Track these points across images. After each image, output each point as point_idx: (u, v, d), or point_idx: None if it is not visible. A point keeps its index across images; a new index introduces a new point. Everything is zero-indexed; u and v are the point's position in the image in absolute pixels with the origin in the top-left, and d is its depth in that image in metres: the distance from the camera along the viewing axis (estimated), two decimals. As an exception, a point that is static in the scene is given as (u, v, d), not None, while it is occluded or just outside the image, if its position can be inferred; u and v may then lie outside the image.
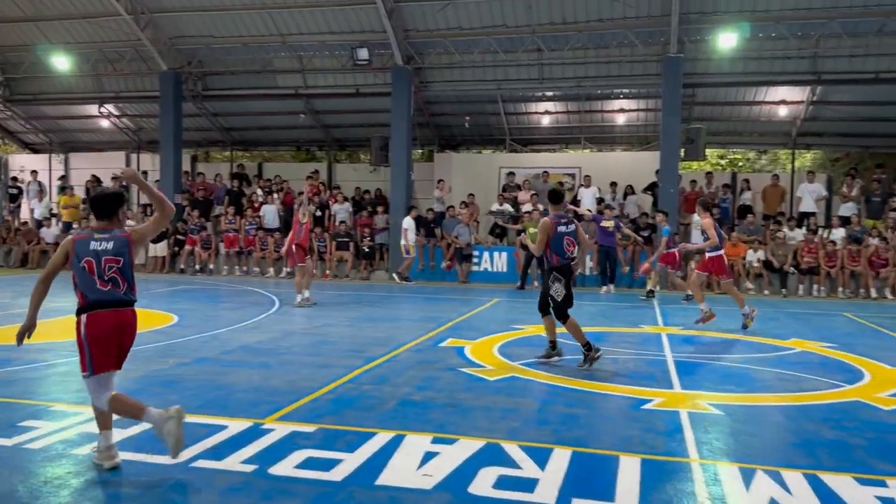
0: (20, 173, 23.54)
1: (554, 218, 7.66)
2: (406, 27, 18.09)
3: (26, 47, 20.37)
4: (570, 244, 7.63)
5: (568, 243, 7.62)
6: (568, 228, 7.67)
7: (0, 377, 6.71)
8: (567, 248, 7.61)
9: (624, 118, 21.27)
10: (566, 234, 7.62)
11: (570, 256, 7.62)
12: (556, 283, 7.56)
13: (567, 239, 7.62)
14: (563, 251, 7.57)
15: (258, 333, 9.52)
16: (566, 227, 7.65)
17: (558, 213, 7.78)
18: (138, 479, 4.22)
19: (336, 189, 20.43)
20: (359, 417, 5.57)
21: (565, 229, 7.64)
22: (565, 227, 7.65)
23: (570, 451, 4.82)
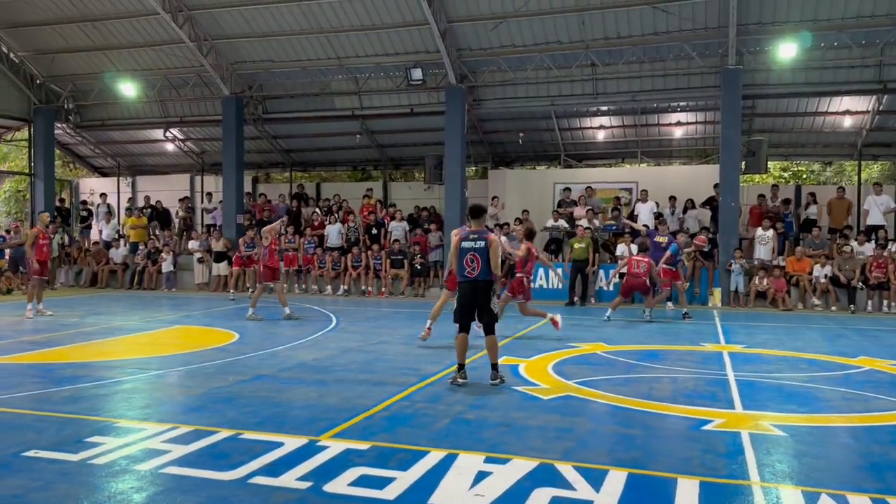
0: (90, 196, 24.56)
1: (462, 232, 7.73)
2: (459, 46, 18.26)
3: (95, 75, 21.34)
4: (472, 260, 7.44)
5: (471, 259, 7.45)
6: (475, 245, 7.48)
7: (68, 394, 6.96)
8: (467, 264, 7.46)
9: (681, 131, 20.93)
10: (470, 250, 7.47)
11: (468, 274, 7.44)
12: (495, 296, 7.58)
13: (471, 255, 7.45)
14: (461, 267, 7.51)
15: (315, 351, 9.66)
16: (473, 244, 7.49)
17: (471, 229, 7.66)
18: (197, 494, 4.31)
19: (392, 207, 20.67)
20: (412, 435, 5.58)
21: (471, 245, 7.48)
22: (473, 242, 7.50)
23: (626, 473, 4.73)
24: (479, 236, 7.54)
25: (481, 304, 7.51)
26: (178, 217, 22.51)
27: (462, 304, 7.59)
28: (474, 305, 7.54)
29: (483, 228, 7.71)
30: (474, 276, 7.44)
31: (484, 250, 7.44)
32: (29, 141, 22.77)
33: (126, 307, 15.30)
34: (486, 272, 7.44)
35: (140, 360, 8.98)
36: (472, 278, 7.46)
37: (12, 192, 29.35)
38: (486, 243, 7.45)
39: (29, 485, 4.43)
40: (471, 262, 7.45)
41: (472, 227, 7.63)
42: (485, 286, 7.46)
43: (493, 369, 7.50)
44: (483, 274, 7.44)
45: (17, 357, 9.00)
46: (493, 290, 7.47)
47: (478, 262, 7.43)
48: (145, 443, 5.32)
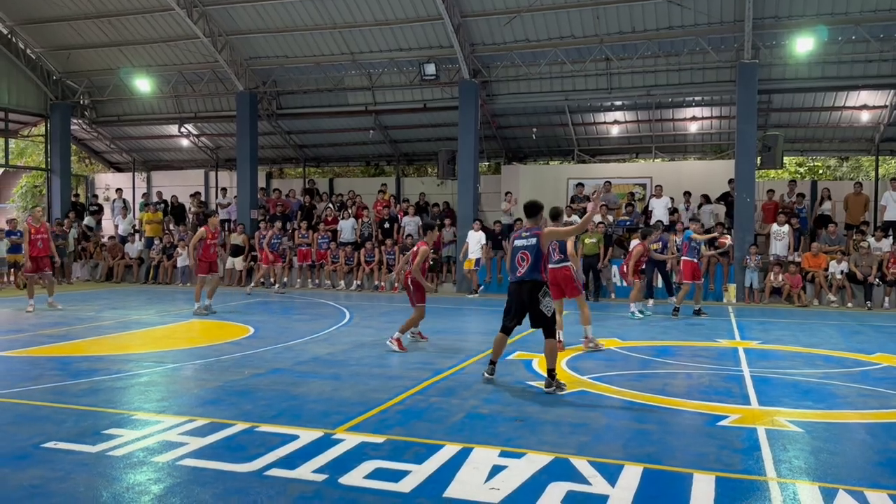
0: (105, 191, 24.75)
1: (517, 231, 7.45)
2: (473, 41, 18.23)
3: (111, 71, 21.49)
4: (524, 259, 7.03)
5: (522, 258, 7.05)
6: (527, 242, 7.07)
7: (86, 386, 7.03)
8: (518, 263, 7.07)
9: (696, 126, 20.80)
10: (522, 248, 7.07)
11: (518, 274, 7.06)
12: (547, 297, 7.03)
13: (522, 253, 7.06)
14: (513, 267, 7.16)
15: (329, 345, 9.70)
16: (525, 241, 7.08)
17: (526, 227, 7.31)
18: (214, 486, 4.34)
19: (405, 202, 20.69)
20: (427, 429, 5.60)
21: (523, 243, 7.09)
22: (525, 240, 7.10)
23: (642, 468, 4.72)
24: (532, 233, 7.09)
25: (530, 307, 7.01)
26: (191, 212, 22.64)
27: (508, 305, 7.19)
28: (522, 308, 7.08)
29: (538, 226, 7.24)
30: (521, 276, 7.03)
31: (534, 247, 6.99)
32: (45, 136, 22.98)
33: (142, 301, 15.42)
34: (533, 271, 6.99)
35: (156, 353, 9.06)
36: (519, 278, 7.04)
37: (29, 188, 29.60)
38: (538, 240, 7.01)
39: (48, 475, 4.48)
40: (521, 260, 7.04)
41: (528, 224, 7.29)
42: (532, 287, 6.97)
43: (549, 376, 6.95)
44: (530, 273, 6.99)
45: (35, 350, 9.10)
46: (543, 291, 6.98)
47: (527, 260, 7.00)
48: (162, 435, 5.36)
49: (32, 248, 13.53)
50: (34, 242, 13.54)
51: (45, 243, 13.72)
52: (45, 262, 13.73)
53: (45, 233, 13.78)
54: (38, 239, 13.57)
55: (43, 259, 13.66)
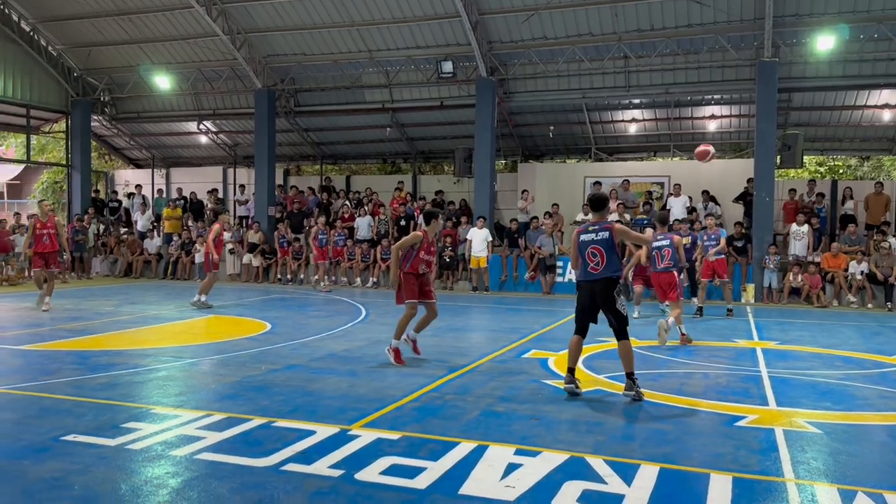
0: (125, 188, 24.98)
1: (581, 226, 6.86)
2: (490, 39, 18.20)
3: (130, 68, 21.69)
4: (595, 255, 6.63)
5: (594, 253, 6.63)
6: (596, 237, 6.65)
7: (105, 380, 7.10)
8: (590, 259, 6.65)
9: (715, 125, 20.65)
10: (591, 243, 6.66)
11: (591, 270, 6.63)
12: (623, 296, 6.69)
13: (592, 249, 6.65)
14: (584, 264, 6.71)
15: (345, 341, 9.73)
16: (594, 235, 6.67)
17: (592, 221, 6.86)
18: (231, 480, 4.38)
19: (422, 200, 20.71)
20: (442, 426, 5.60)
21: (590, 238, 6.67)
22: (593, 234, 6.67)
23: (658, 468, 4.70)
24: (601, 227, 6.68)
25: (605, 306, 6.66)
26: (209, 209, 22.80)
27: (581, 305, 6.76)
28: (594, 307, 6.72)
29: (605, 220, 6.83)
30: (595, 274, 6.58)
31: (608, 242, 6.59)
32: (66, 133, 23.23)
33: (160, 296, 15.55)
34: (611, 267, 6.61)
35: (174, 348, 9.13)
36: (593, 276, 6.60)
37: (50, 184, 29.95)
38: (610, 233, 6.63)
39: (68, 468, 4.53)
40: (593, 256, 6.59)
41: (594, 218, 6.81)
42: (607, 285, 6.59)
43: (629, 379, 6.56)
44: (607, 270, 6.59)
45: (55, 344, 9.21)
46: (618, 288, 6.64)
47: (601, 256, 6.58)
48: (180, 429, 5.41)
49: (38, 244, 12.84)
50: (40, 238, 12.85)
51: (52, 238, 12.93)
52: (52, 259, 12.95)
53: (52, 227, 12.97)
54: (43, 234, 12.84)
55: (51, 255, 12.91)
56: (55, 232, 12.99)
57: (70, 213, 22.56)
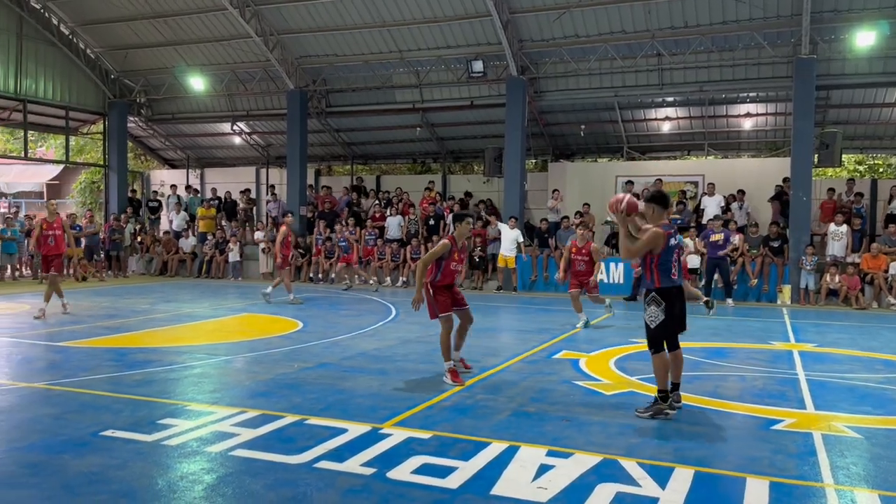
0: (160, 187, 25.39)
1: (665, 227, 6.11)
2: (521, 38, 18.14)
3: (166, 70, 22.04)
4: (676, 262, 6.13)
5: (677, 258, 6.14)
6: (677, 241, 6.18)
7: (141, 377, 7.22)
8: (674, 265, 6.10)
9: (751, 123, 20.32)
10: (676, 247, 6.14)
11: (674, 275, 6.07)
12: (654, 305, 6.03)
13: (677, 252, 6.15)
14: (670, 271, 6.06)
15: (376, 340, 9.77)
16: (675, 240, 6.14)
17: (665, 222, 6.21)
18: (265, 477, 4.42)
19: (451, 199, 20.72)
20: (473, 426, 5.59)
21: (675, 242, 6.14)
22: (675, 239, 6.14)
23: (693, 471, 4.63)
24: (675, 231, 6.23)
25: (683, 314, 6.19)
26: (241, 209, 23.07)
27: (676, 314, 6.08)
28: (684, 314, 6.20)
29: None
30: (677, 280, 6.09)
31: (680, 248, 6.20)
32: (103, 134, 23.68)
33: (195, 295, 15.77)
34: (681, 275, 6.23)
35: (209, 346, 9.26)
36: (676, 282, 6.07)
37: (87, 184, 30.51)
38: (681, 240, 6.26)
39: (107, 463, 4.62)
40: (675, 261, 6.10)
41: (665, 219, 6.20)
42: (680, 292, 6.17)
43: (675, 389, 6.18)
44: (681, 277, 6.23)
45: (92, 341, 9.39)
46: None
47: (679, 261, 6.19)
48: (215, 426, 5.48)
49: (43, 246, 11.92)
50: (45, 239, 11.90)
51: (57, 240, 12.00)
52: (56, 263, 12.00)
53: (59, 229, 12.09)
54: (49, 235, 11.91)
55: (54, 258, 11.97)
56: (61, 233, 12.20)
57: (107, 213, 22.99)
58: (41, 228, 11.95)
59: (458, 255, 7.36)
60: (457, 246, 7.41)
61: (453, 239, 7.42)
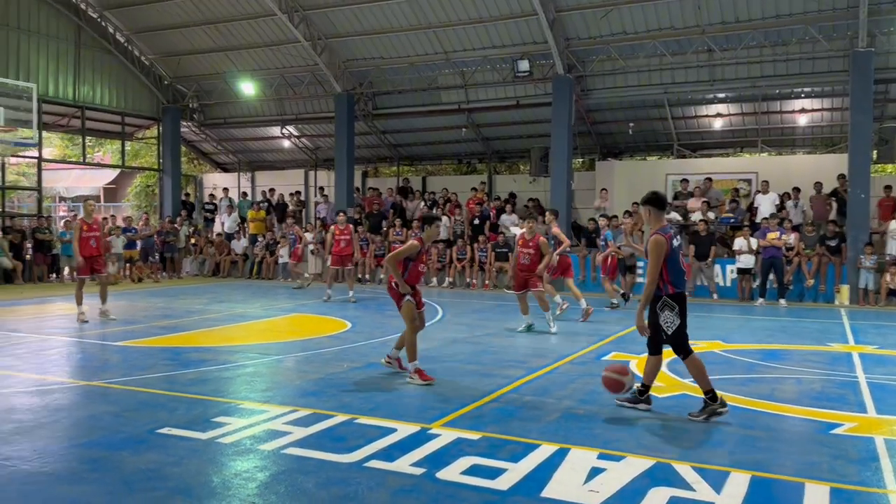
0: (213, 190, 25.95)
1: (663, 231, 5.97)
2: (568, 36, 17.99)
3: (217, 75, 22.53)
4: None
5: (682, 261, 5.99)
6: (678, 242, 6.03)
7: (195, 376, 7.39)
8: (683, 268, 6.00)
9: (806, 119, 19.76)
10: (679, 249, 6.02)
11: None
12: (667, 310, 5.91)
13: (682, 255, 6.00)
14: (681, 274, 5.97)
15: (423, 341, 9.72)
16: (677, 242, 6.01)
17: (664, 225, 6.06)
18: (317, 475, 4.47)
19: (497, 200, 20.67)
20: (522, 428, 5.56)
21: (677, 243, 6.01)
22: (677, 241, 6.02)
23: (749, 476, 4.52)
24: (674, 232, 6.13)
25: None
26: (290, 211, 23.40)
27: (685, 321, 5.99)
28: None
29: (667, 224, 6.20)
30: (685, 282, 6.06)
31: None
32: (158, 138, 24.34)
33: (246, 295, 16.07)
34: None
35: (260, 345, 9.42)
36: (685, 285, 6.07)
37: (142, 187, 31.38)
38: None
39: (164, 460, 4.73)
40: (681, 265, 6.01)
41: (664, 221, 6.10)
42: None
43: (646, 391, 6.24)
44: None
45: (149, 341, 9.64)
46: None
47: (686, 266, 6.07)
48: (267, 424, 5.57)
49: (84, 248, 11.48)
50: (86, 241, 11.52)
51: (98, 242, 11.79)
52: (98, 263, 11.76)
53: (97, 230, 11.90)
54: (90, 237, 11.59)
55: (96, 259, 11.72)
56: (100, 234, 12.06)
57: (162, 216, 23.61)
58: (81, 230, 11.60)
59: (425, 256, 7.52)
60: (425, 248, 7.51)
61: (422, 241, 7.46)
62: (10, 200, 24.55)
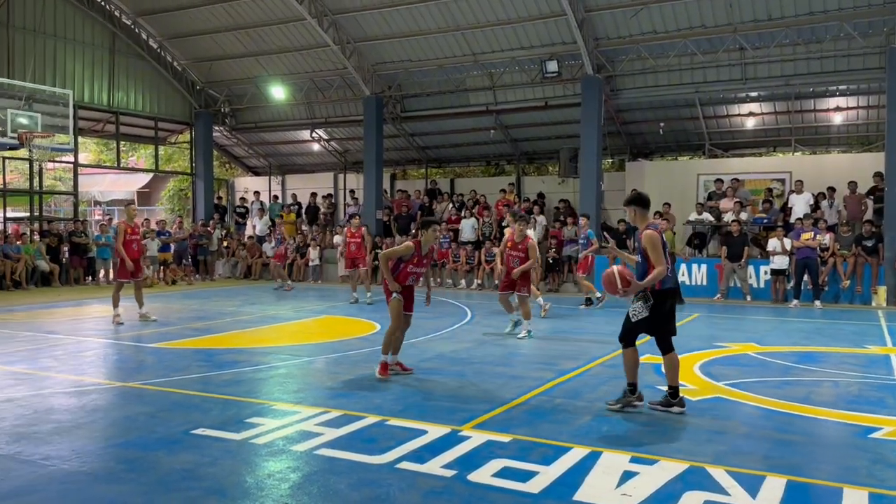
0: (244, 194, 26.26)
1: (653, 227, 6.13)
2: (597, 36, 17.88)
3: (248, 80, 22.81)
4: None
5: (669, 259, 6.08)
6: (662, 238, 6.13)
7: (229, 377, 7.48)
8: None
9: (841, 117, 19.39)
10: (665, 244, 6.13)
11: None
12: (640, 301, 6.05)
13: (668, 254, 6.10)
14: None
15: (452, 343, 9.81)
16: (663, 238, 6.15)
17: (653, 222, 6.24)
18: (349, 476, 4.50)
19: (526, 202, 20.60)
20: (553, 431, 5.54)
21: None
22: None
23: (785, 480, 4.45)
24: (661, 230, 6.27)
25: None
26: (322, 213, 23.59)
27: (666, 313, 6.15)
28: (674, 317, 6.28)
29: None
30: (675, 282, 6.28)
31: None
32: (190, 143, 24.71)
33: (277, 297, 16.23)
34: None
35: (292, 347, 9.50)
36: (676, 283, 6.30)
37: (175, 191, 31.88)
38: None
39: (199, 460, 4.80)
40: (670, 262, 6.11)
41: (647, 218, 6.30)
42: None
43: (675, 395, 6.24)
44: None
45: (183, 342, 9.78)
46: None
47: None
48: (300, 425, 5.62)
49: (127, 251, 11.58)
50: (129, 244, 11.64)
51: (139, 245, 12.04)
52: (139, 266, 11.90)
53: (139, 234, 12.17)
54: (133, 240, 11.74)
55: (137, 262, 11.81)
56: (140, 238, 12.24)
57: (195, 219, 23.94)
58: (125, 233, 11.67)
59: (418, 259, 7.53)
60: (420, 251, 7.57)
61: (419, 244, 7.59)
62: (47, 205, 25.08)
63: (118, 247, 11.66)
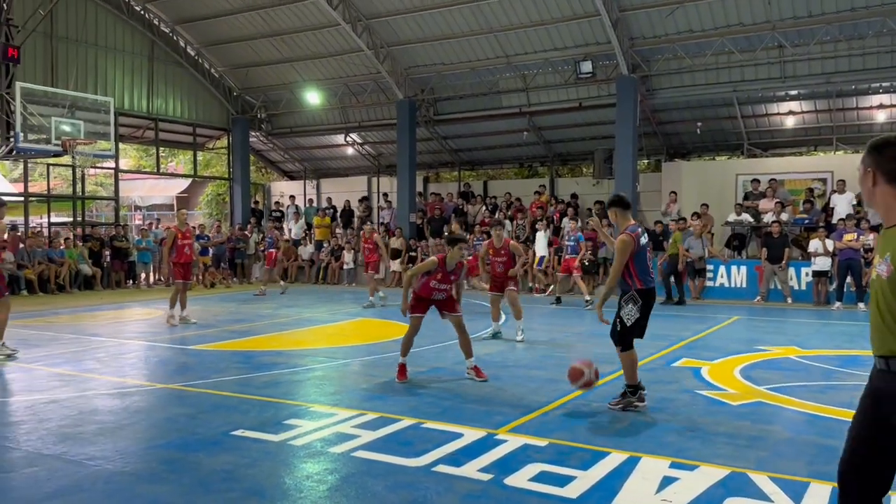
0: (280, 198, 26.57)
1: (631, 230, 6.28)
2: (632, 35, 17.72)
3: (284, 86, 23.10)
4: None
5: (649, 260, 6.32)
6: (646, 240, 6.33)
7: (267, 379, 7.56)
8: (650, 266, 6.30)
9: (884, 115, 18.91)
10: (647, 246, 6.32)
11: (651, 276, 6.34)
12: (631, 303, 6.26)
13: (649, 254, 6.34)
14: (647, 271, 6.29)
15: (487, 346, 9.78)
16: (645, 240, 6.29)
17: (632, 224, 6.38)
18: (386, 479, 4.51)
19: (560, 203, 20.48)
20: (590, 435, 5.49)
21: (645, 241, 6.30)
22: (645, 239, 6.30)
23: (831, 487, 4.34)
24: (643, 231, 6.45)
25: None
26: (357, 217, 23.75)
27: (646, 316, 6.40)
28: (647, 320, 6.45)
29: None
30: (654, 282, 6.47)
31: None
32: (228, 148, 25.09)
33: (313, 300, 16.37)
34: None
35: (328, 349, 9.58)
36: (654, 282, 6.46)
37: (213, 196, 32.39)
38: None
39: (238, 461, 4.85)
40: (648, 262, 6.39)
41: (629, 220, 6.46)
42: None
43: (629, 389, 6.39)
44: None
45: (222, 345, 9.92)
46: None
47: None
48: (337, 427, 5.65)
49: (180, 255, 12.04)
50: (181, 248, 12.05)
51: (191, 249, 12.41)
52: (189, 270, 12.45)
53: (191, 238, 12.54)
54: (185, 244, 12.11)
55: (189, 266, 12.36)
56: (192, 242, 12.56)
57: (232, 224, 24.29)
58: (175, 238, 12.06)
59: (442, 275, 7.47)
60: (445, 268, 7.50)
61: (443, 260, 7.53)
62: (88, 210, 25.62)
63: (165, 251, 12.16)
